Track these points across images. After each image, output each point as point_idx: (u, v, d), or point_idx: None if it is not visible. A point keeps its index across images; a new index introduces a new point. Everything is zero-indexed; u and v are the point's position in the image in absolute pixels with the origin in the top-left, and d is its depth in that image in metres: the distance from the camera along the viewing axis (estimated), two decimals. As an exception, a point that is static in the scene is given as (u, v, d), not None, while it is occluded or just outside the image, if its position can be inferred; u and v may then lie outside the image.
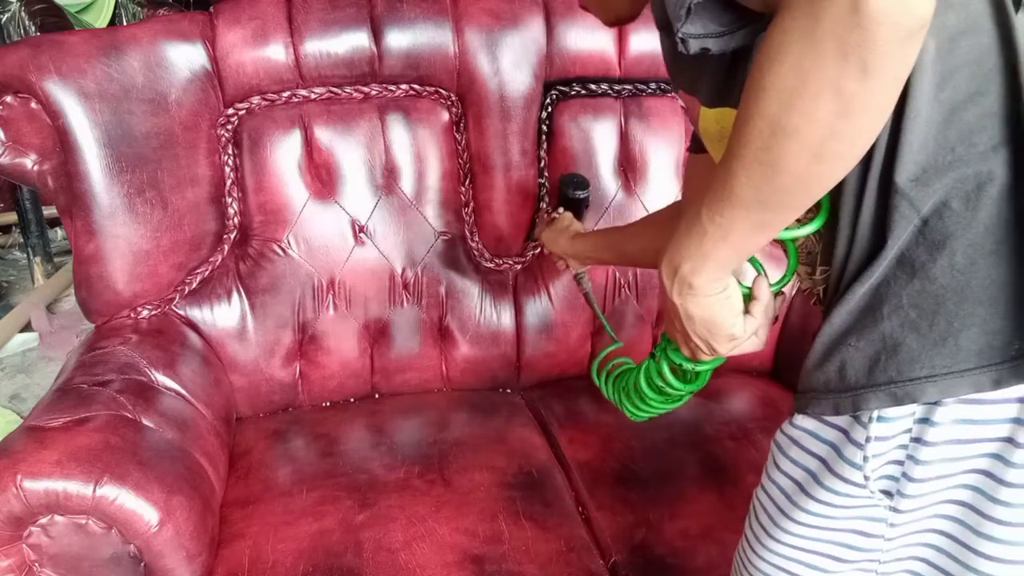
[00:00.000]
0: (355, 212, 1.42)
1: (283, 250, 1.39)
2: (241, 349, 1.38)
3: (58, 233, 3.41)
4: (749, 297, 0.74)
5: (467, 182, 1.46)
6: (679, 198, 1.09)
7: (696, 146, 0.97)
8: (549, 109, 1.46)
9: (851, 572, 0.71)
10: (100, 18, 3.27)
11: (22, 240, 3.15)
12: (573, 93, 1.46)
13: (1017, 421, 0.61)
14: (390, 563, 1.04)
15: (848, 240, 0.65)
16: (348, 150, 1.40)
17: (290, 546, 1.07)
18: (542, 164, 1.47)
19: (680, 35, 0.59)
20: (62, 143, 1.21)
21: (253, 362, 1.39)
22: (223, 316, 1.37)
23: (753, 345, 0.76)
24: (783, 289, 0.78)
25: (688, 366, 0.84)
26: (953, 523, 0.66)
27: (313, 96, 1.39)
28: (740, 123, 0.56)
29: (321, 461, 1.26)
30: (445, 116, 1.44)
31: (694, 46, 0.60)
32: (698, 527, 1.13)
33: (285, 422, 1.39)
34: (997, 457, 0.62)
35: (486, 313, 1.47)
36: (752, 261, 0.76)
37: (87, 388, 1.09)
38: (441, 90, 1.43)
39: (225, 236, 1.38)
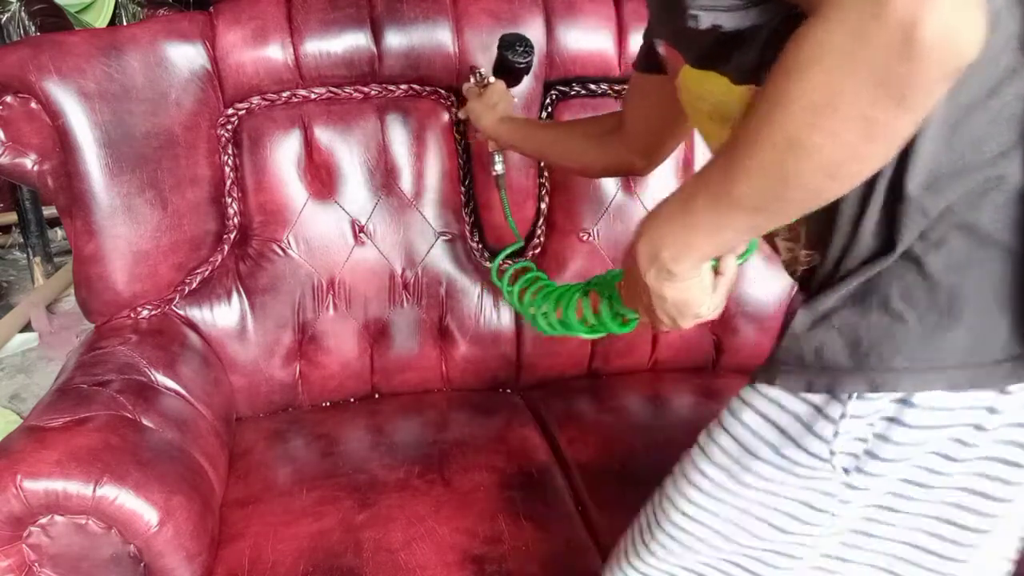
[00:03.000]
0: (355, 212, 1.42)
1: (283, 250, 1.39)
2: (241, 349, 1.38)
3: (58, 233, 3.41)
4: (714, 271, 0.73)
5: (467, 182, 1.46)
6: (622, 115, 1.08)
7: (644, 65, 0.95)
8: (549, 109, 1.46)
9: (788, 544, 0.71)
10: (100, 18, 3.27)
11: (22, 240, 3.15)
12: (573, 93, 1.46)
13: (991, 410, 0.61)
14: (390, 563, 1.04)
15: (847, 237, 0.64)
16: (348, 150, 1.40)
17: (290, 546, 1.07)
18: (542, 164, 1.47)
19: (692, 10, 0.56)
20: (62, 143, 1.21)
21: (253, 362, 1.39)
22: (223, 316, 1.37)
23: (714, 315, 0.75)
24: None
25: (631, 316, 0.82)
26: (897, 498, 0.67)
27: (313, 96, 1.39)
28: (752, 131, 0.53)
29: (321, 461, 1.26)
30: (445, 116, 1.43)
31: (705, 20, 0.57)
32: (698, 527, 1.13)
33: (285, 422, 1.39)
34: (958, 441, 0.63)
35: (486, 313, 1.47)
36: None
37: (87, 388, 1.09)
38: (441, 90, 1.43)
39: (225, 236, 1.38)
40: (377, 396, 1.49)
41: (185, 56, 1.29)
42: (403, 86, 1.42)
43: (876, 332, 0.62)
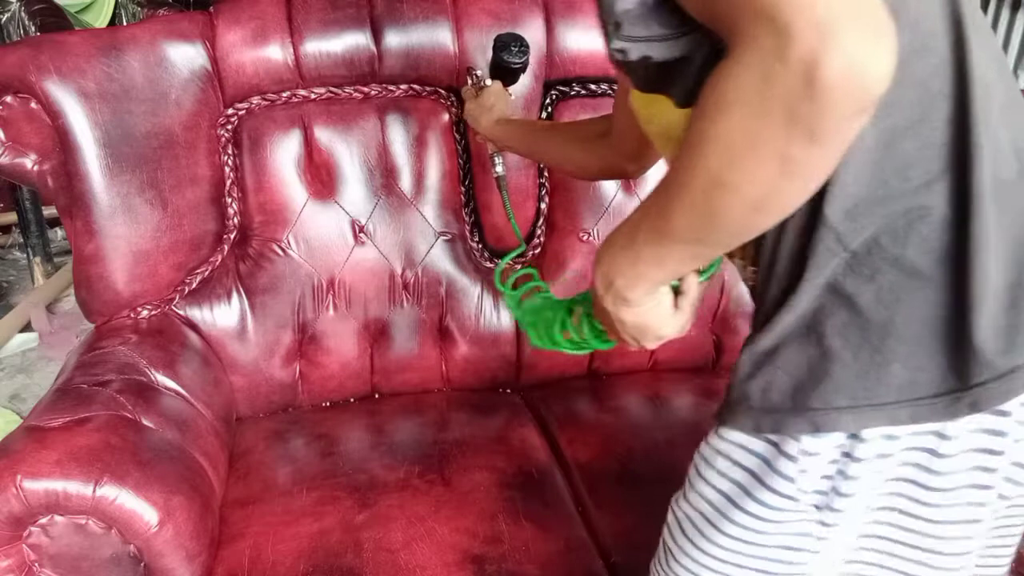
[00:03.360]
0: (355, 212, 1.42)
1: (283, 250, 1.39)
2: (241, 349, 1.38)
3: (58, 233, 3.41)
4: (678, 290, 0.73)
5: (467, 182, 1.46)
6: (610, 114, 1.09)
7: None
8: (549, 109, 1.46)
9: None
10: (100, 18, 3.27)
11: (22, 240, 3.15)
12: (573, 93, 1.46)
13: (938, 434, 0.62)
14: (390, 563, 1.04)
15: (770, 259, 0.64)
16: (348, 150, 1.40)
17: (290, 546, 1.07)
18: (542, 164, 1.47)
19: (616, 45, 0.56)
20: (62, 143, 1.21)
21: (253, 362, 1.39)
22: (223, 316, 1.37)
23: (680, 334, 0.75)
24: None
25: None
26: (882, 540, 0.67)
27: (313, 96, 1.39)
28: (681, 168, 0.53)
29: (321, 461, 1.26)
30: (445, 116, 1.43)
31: (634, 53, 0.57)
32: (698, 527, 1.13)
33: (285, 422, 1.39)
34: (920, 467, 0.63)
35: (486, 313, 1.47)
36: None
37: (87, 388, 1.09)
38: (441, 90, 1.43)
39: (225, 236, 1.38)
40: (377, 396, 1.49)
41: (185, 56, 1.29)
42: (403, 86, 1.42)
43: (815, 371, 0.62)
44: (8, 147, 1.22)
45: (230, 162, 1.37)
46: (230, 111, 1.36)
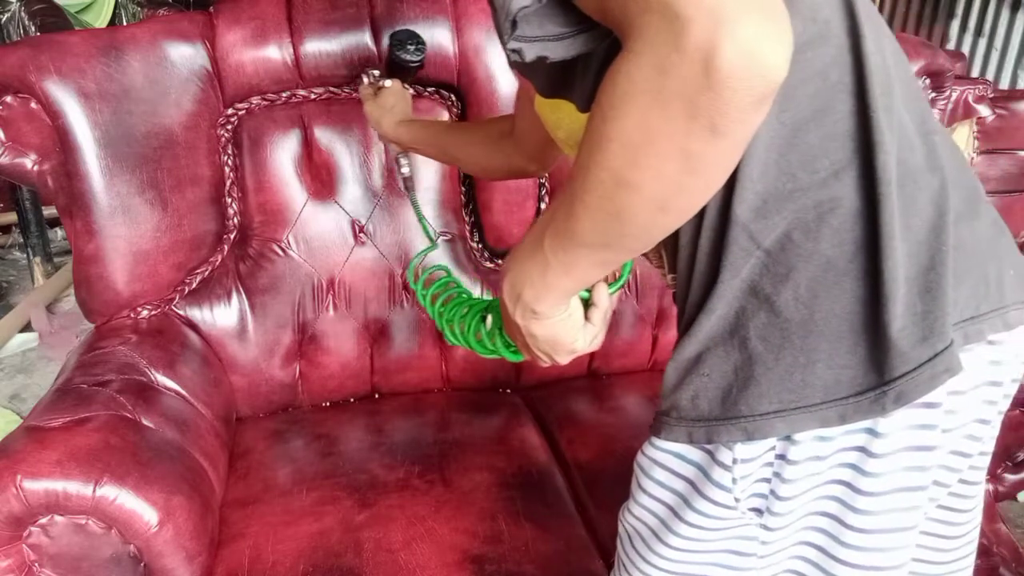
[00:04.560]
0: (355, 212, 1.42)
1: (283, 250, 1.39)
2: (241, 349, 1.38)
3: (58, 233, 3.42)
4: (588, 302, 0.71)
5: (467, 182, 1.46)
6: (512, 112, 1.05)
7: None
8: (549, 109, 1.46)
9: None
10: (100, 18, 3.27)
11: (22, 240, 3.15)
12: (573, 93, 1.46)
13: (870, 431, 0.61)
14: (390, 563, 1.04)
15: (687, 264, 0.63)
16: (348, 150, 1.40)
17: (290, 546, 1.07)
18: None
19: (511, 46, 0.54)
20: (62, 143, 1.21)
21: (253, 362, 1.39)
22: (223, 316, 1.37)
23: (592, 347, 0.74)
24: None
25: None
26: (819, 534, 0.67)
27: (313, 96, 1.39)
28: (582, 169, 0.52)
29: (321, 461, 1.26)
30: (445, 116, 1.43)
31: (529, 53, 0.55)
32: (698, 527, 1.13)
33: (285, 422, 1.39)
34: (854, 468, 0.63)
35: (486, 313, 1.47)
36: None
37: (87, 388, 1.09)
38: (441, 90, 1.42)
39: (225, 236, 1.38)
40: (377, 396, 1.49)
41: (185, 56, 1.29)
42: (403, 86, 1.42)
43: (742, 377, 0.62)
44: (8, 147, 1.22)
45: (230, 162, 1.37)
46: (230, 111, 1.36)
